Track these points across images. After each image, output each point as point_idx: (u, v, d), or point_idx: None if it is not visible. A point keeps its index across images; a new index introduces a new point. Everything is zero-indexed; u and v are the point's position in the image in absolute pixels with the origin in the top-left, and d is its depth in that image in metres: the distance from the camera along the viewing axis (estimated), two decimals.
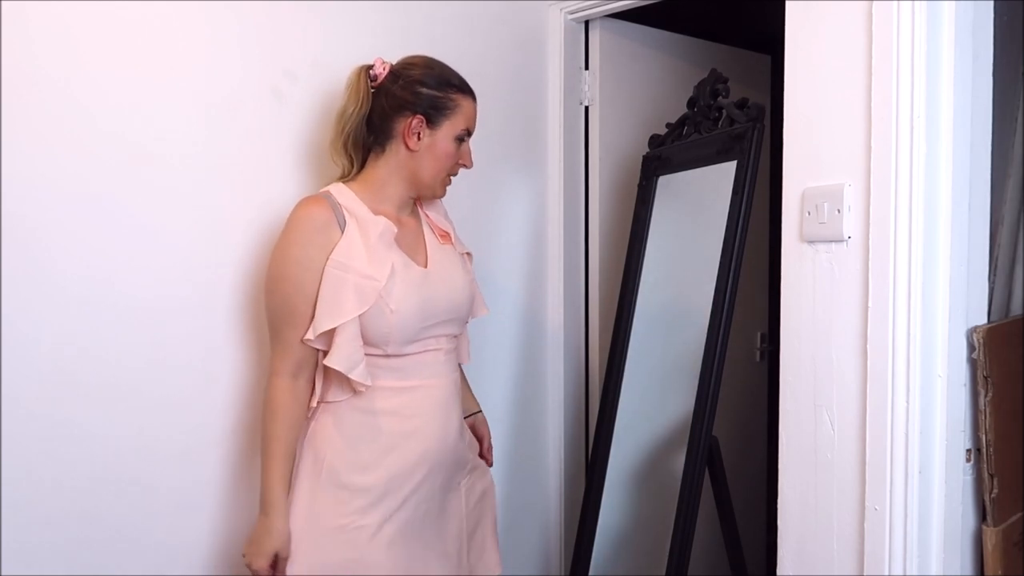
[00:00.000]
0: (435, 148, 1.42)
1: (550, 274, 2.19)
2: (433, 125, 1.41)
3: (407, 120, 1.40)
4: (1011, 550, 1.34)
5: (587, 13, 2.11)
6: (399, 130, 1.41)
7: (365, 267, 1.33)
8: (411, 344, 1.39)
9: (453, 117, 1.42)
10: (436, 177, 1.46)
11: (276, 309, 1.36)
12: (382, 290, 1.33)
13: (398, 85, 1.41)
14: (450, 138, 1.43)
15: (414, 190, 1.47)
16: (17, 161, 1.29)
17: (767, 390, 2.63)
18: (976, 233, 1.29)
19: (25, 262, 1.30)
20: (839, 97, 1.30)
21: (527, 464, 2.17)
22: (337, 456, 1.37)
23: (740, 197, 1.67)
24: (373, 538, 1.36)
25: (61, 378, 1.35)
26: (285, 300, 1.34)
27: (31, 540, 1.33)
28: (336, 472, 1.36)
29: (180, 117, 1.46)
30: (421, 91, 1.40)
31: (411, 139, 1.41)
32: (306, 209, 1.36)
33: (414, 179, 1.45)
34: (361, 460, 1.37)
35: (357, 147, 1.44)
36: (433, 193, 1.49)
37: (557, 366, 2.19)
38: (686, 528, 1.67)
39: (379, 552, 1.36)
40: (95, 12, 1.35)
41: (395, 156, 1.43)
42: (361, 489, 1.36)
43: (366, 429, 1.38)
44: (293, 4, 1.59)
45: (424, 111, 1.40)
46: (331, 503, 1.36)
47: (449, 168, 1.47)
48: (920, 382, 1.22)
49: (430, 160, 1.43)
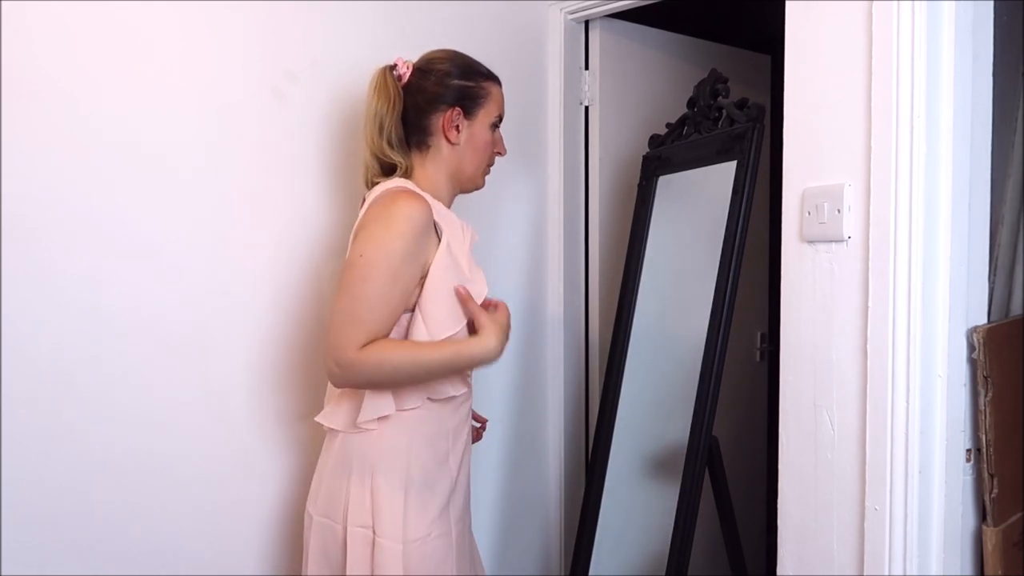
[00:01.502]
0: (475, 139, 1.43)
1: (550, 274, 2.19)
2: (470, 115, 1.42)
3: (445, 113, 1.40)
4: (1011, 550, 1.34)
5: (587, 13, 2.11)
6: (438, 125, 1.40)
7: (467, 273, 1.36)
8: None
9: (487, 105, 1.43)
10: (479, 168, 1.46)
11: (363, 294, 1.28)
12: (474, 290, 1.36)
13: (430, 80, 1.40)
14: (486, 126, 1.44)
15: (458, 185, 1.47)
16: (16, 162, 1.29)
17: (767, 390, 2.63)
18: (976, 233, 1.29)
19: (25, 263, 1.30)
20: (839, 97, 1.30)
21: (527, 464, 2.17)
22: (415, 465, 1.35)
23: (740, 197, 1.67)
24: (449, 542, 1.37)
25: (61, 378, 1.35)
26: (378, 287, 1.28)
27: (31, 540, 1.33)
28: (415, 480, 1.34)
29: (180, 117, 1.46)
30: (453, 83, 1.40)
31: (451, 132, 1.40)
32: (411, 206, 1.29)
33: (459, 173, 1.45)
34: (431, 464, 1.36)
35: (401, 145, 1.42)
36: (475, 185, 1.49)
37: (557, 366, 2.19)
38: (686, 528, 1.67)
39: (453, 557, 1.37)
40: (95, 12, 1.35)
41: (439, 153, 1.42)
42: (438, 491, 1.37)
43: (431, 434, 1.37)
44: (293, 4, 1.59)
45: (460, 102, 1.40)
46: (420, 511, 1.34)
47: (489, 158, 1.48)
48: (920, 382, 1.22)
49: (471, 151, 1.43)
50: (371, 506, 1.32)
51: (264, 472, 1.60)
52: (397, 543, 1.30)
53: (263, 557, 1.61)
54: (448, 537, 1.37)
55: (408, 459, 1.34)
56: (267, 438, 1.60)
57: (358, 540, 1.32)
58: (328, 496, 1.38)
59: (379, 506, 1.32)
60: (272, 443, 1.61)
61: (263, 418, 1.59)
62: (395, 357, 1.28)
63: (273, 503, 1.62)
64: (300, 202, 1.62)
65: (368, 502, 1.33)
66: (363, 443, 1.35)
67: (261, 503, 1.60)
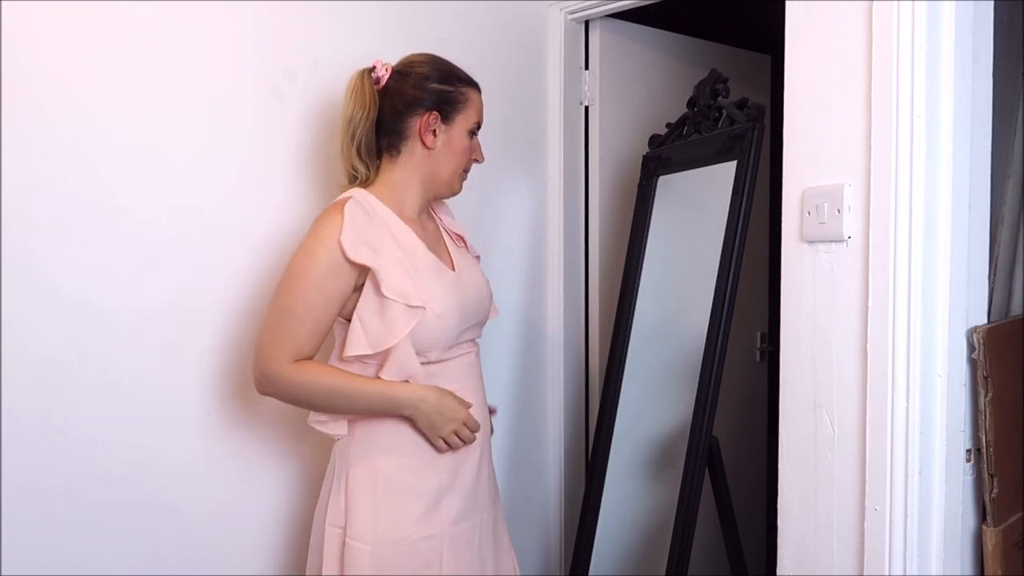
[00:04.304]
0: (452, 144, 1.41)
1: (550, 274, 2.19)
2: (447, 120, 1.40)
3: (422, 117, 1.38)
4: (1011, 550, 1.34)
5: (587, 13, 2.11)
6: (414, 129, 1.38)
7: (406, 282, 1.31)
8: (451, 349, 1.39)
9: (465, 110, 1.41)
10: (454, 174, 1.44)
11: (289, 304, 1.30)
12: (427, 297, 1.32)
13: (408, 83, 1.38)
14: (464, 132, 1.42)
15: (432, 191, 1.45)
16: (17, 162, 1.29)
17: (767, 390, 2.63)
18: (976, 233, 1.29)
19: (25, 263, 1.30)
20: (839, 97, 1.30)
21: (527, 464, 2.17)
22: (392, 463, 1.35)
23: (740, 197, 1.67)
24: (444, 544, 1.35)
25: (61, 378, 1.35)
26: (303, 299, 1.29)
27: (31, 540, 1.33)
28: (393, 478, 1.34)
29: (180, 118, 1.46)
30: (432, 87, 1.38)
31: (428, 136, 1.38)
32: (339, 220, 1.30)
33: (433, 178, 1.42)
34: (417, 465, 1.36)
35: (371, 152, 1.40)
36: (451, 190, 1.47)
37: (557, 366, 2.19)
38: (686, 528, 1.67)
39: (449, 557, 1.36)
40: (94, 12, 1.35)
41: (412, 157, 1.40)
42: (420, 492, 1.35)
43: (414, 435, 1.36)
44: (293, 4, 1.59)
45: (437, 107, 1.38)
46: (395, 513, 1.33)
47: (466, 164, 1.46)
48: (920, 382, 1.22)
49: (448, 157, 1.41)
50: (344, 507, 1.35)
51: (264, 471, 1.60)
52: (366, 544, 1.31)
53: (264, 557, 1.61)
54: (437, 539, 1.35)
55: (382, 461, 1.35)
56: (267, 437, 1.60)
57: (332, 540, 1.35)
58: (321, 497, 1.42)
59: (351, 507, 1.34)
60: (272, 442, 1.61)
61: (263, 417, 1.59)
62: (320, 384, 1.31)
63: (273, 503, 1.62)
64: (300, 202, 1.62)
65: (343, 503, 1.35)
66: (343, 445, 1.38)
67: (262, 503, 1.60)
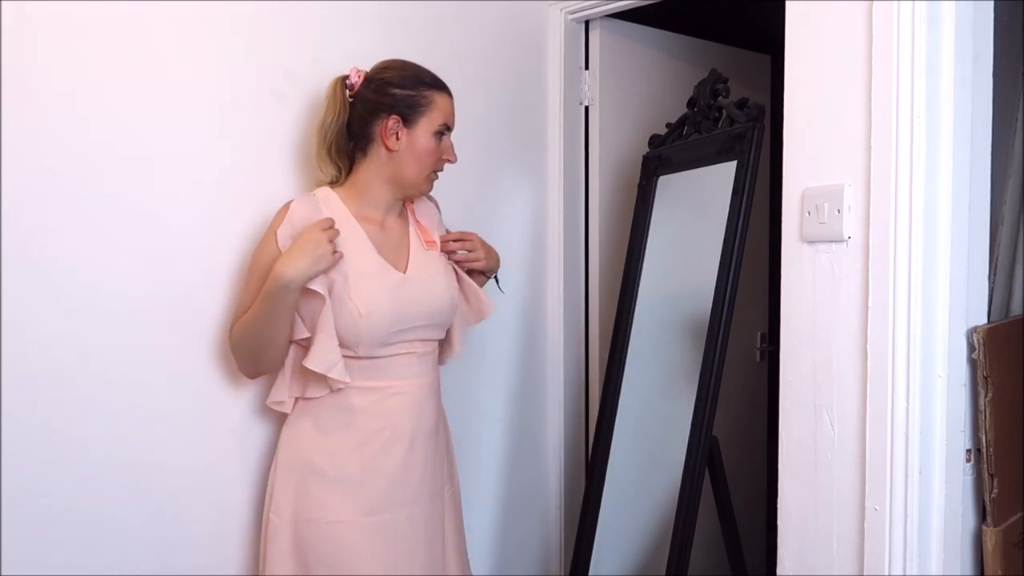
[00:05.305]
0: (414, 146, 1.45)
1: (550, 274, 2.19)
2: (409, 124, 1.44)
3: (383, 121, 1.44)
4: (1011, 550, 1.34)
5: (587, 13, 2.11)
6: (377, 132, 1.45)
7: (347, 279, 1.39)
8: (383, 347, 1.43)
9: (429, 114, 1.45)
10: (419, 174, 1.48)
11: (245, 290, 1.44)
12: (353, 295, 1.38)
13: (371, 89, 1.45)
14: (428, 135, 1.45)
15: (399, 190, 1.50)
16: (17, 162, 1.29)
17: (767, 390, 2.63)
18: (976, 233, 1.29)
19: (25, 263, 1.30)
20: (839, 97, 1.30)
21: (527, 464, 2.17)
22: (315, 450, 1.43)
23: (740, 197, 1.67)
24: (354, 531, 1.40)
25: (62, 378, 1.35)
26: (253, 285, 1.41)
27: (31, 540, 1.33)
28: (314, 464, 1.42)
29: (180, 118, 1.46)
30: (394, 92, 1.44)
31: (389, 139, 1.44)
32: (283, 213, 1.43)
33: (397, 178, 1.48)
34: (337, 451, 1.43)
35: (341, 154, 1.49)
36: (419, 190, 1.52)
37: (557, 366, 2.19)
38: (686, 528, 1.67)
39: (361, 545, 1.40)
40: (95, 12, 1.35)
41: (376, 158, 1.46)
42: (340, 480, 1.41)
43: (342, 424, 1.43)
44: (293, 4, 1.60)
45: (399, 111, 1.43)
46: (313, 496, 1.41)
47: (432, 164, 1.49)
48: (920, 382, 1.22)
49: (410, 158, 1.46)
50: (272, 486, 1.47)
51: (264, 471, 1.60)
52: (283, 520, 1.42)
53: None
54: (347, 526, 1.40)
55: (305, 444, 1.44)
56: (267, 438, 1.60)
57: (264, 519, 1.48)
58: None
59: (275, 484, 1.46)
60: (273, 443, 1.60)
61: (263, 417, 1.58)
62: (237, 325, 1.42)
63: None
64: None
65: (272, 483, 1.47)
66: (281, 430, 1.49)
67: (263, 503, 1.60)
